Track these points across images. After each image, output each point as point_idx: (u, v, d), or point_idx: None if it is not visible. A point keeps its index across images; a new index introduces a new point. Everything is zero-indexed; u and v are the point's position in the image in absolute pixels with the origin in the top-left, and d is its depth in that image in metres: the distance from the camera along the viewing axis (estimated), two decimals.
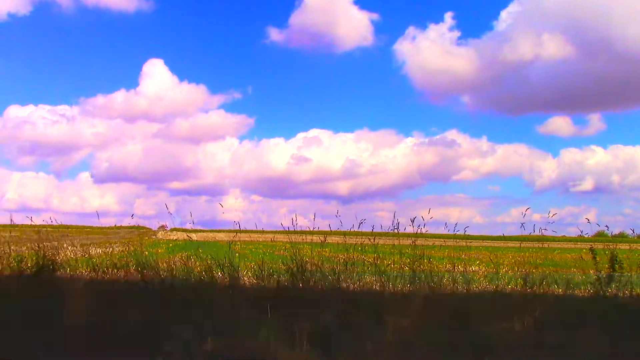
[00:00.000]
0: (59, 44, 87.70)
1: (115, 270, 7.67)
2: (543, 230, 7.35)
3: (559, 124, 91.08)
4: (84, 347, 4.90)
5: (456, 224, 7.75)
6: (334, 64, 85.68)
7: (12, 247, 8.38)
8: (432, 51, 77.62)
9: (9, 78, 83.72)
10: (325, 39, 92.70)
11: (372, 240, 7.53)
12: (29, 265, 7.73)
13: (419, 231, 7.37)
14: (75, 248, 9.76)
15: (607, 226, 8.12)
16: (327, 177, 78.86)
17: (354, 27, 80.00)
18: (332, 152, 78.03)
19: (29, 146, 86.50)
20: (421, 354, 4.59)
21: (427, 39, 78.13)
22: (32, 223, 9.34)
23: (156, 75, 78.04)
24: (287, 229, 7.72)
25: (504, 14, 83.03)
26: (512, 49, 73.95)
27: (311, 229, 7.71)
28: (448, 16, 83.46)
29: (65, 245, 8.64)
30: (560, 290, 7.01)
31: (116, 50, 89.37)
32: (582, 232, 7.56)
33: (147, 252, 8.23)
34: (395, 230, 7.41)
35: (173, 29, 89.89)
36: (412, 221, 7.36)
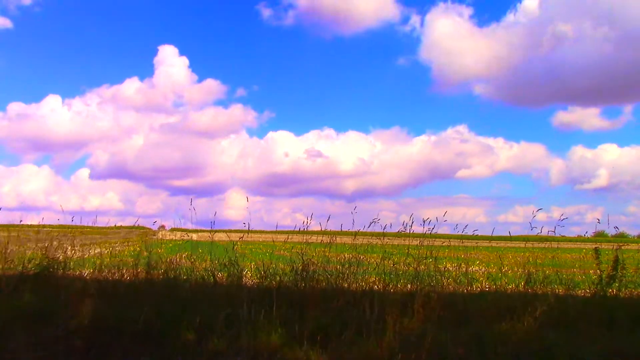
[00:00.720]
0: (66, 33, 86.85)
1: (118, 270, 7.68)
2: (550, 232, 7.34)
3: (585, 115, 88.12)
4: (86, 347, 4.90)
5: (457, 225, 7.79)
6: (347, 46, 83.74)
7: (13, 247, 8.38)
8: (452, 34, 74.71)
9: (15, 71, 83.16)
10: (340, 17, 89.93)
11: (380, 239, 7.54)
12: (30, 265, 7.73)
13: (426, 232, 7.39)
14: (76, 248, 9.75)
15: (616, 227, 8.18)
16: (332, 175, 78.37)
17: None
18: (341, 150, 77.48)
19: (33, 141, 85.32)
20: (422, 353, 4.59)
21: (446, 20, 75.45)
22: (32, 223, 9.36)
23: (169, 64, 76.87)
24: (293, 229, 7.73)
25: None
26: (539, 33, 70.20)
27: (312, 229, 7.72)
28: None
29: (65, 245, 8.63)
30: (561, 290, 7.02)
31: (125, 37, 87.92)
32: (586, 232, 7.57)
33: (147, 252, 8.21)
34: (401, 231, 7.42)
35: (185, 14, 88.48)
36: (424, 222, 7.39)
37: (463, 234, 7.70)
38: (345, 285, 6.77)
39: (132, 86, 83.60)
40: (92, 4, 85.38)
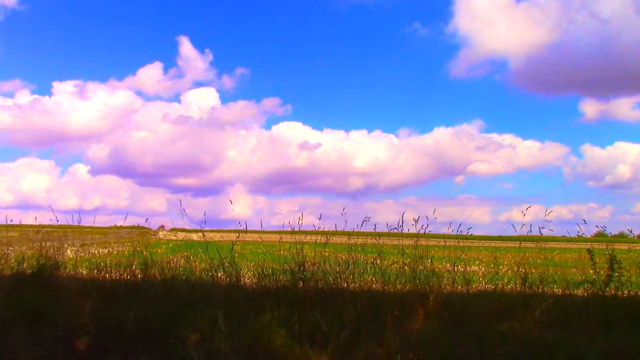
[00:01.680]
0: (78, 22, 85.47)
1: (117, 270, 7.69)
2: (548, 230, 7.35)
3: (619, 105, 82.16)
4: (86, 347, 4.91)
5: (459, 224, 7.79)
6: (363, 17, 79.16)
7: (12, 247, 8.39)
8: (486, 9, 70.98)
9: (19, 61, 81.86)
10: None
11: (376, 239, 7.55)
12: (29, 265, 7.74)
13: (421, 231, 7.39)
14: (75, 248, 9.76)
15: (604, 226, 8.29)
16: (341, 174, 77.53)
17: None
18: (348, 149, 76.88)
19: (38, 133, 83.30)
20: (421, 354, 4.59)
21: None
22: (32, 223, 9.36)
23: (184, 54, 75.47)
24: (287, 229, 7.73)
25: None
26: (573, 12, 66.09)
27: (314, 229, 7.73)
28: None
29: (65, 245, 8.64)
30: (560, 290, 7.02)
31: (141, 26, 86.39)
32: (582, 232, 7.58)
33: (146, 253, 8.22)
34: (398, 230, 7.42)
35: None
36: (416, 221, 7.39)
37: (465, 234, 7.72)
38: (344, 285, 6.77)
39: (145, 77, 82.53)
40: None
